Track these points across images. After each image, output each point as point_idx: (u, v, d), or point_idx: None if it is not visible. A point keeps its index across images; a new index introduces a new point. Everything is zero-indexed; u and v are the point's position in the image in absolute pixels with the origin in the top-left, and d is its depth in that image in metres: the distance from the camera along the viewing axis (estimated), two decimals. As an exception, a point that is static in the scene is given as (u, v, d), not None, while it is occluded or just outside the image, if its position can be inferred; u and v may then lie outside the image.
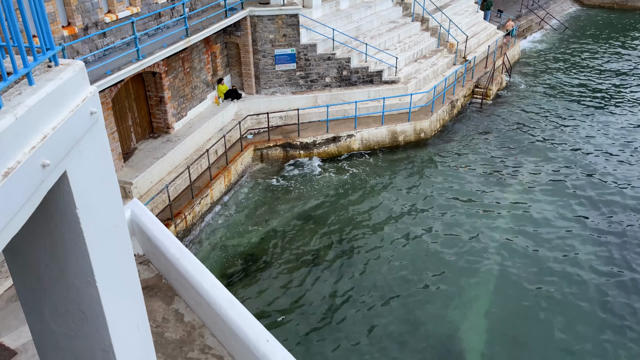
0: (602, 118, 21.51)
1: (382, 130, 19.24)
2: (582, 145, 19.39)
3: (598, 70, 26.74)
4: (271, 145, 18.14)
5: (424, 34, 23.71)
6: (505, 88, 24.41)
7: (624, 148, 19.17)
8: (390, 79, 20.43)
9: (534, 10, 34.40)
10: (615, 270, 13.27)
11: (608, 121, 21.24)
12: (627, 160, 18.38)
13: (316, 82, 19.72)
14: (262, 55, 18.70)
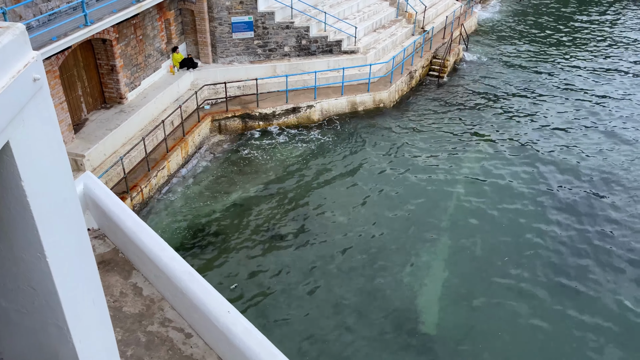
0: (557, 89, 22.18)
1: (342, 101, 19.21)
2: (538, 116, 19.98)
3: (554, 39, 27.40)
4: (229, 116, 17.83)
5: (382, 4, 23.58)
6: (462, 59, 24.72)
7: (578, 118, 19.89)
8: (350, 49, 20.31)
9: (490, -19, 34.66)
10: (568, 238, 13.93)
11: (563, 91, 21.92)
12: (582, 131, 19.10)
13: (275, 51, 19.38)
14: (219, 23, 18.17)
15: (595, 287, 12.35)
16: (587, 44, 27.28)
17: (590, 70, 24.07)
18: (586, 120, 19.81)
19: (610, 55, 25.88)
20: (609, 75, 23.65)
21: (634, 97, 21.58)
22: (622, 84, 22.74)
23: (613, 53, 26.11)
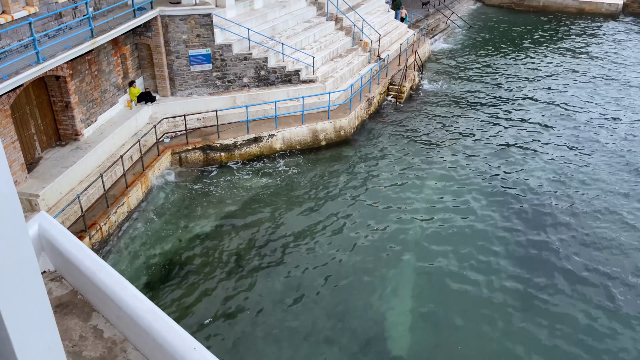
0: (509, 111, 23.03)
1: (303, 129, 19.35)
2: (494, 137, 20.64)
3: (501, 64, 28.60)
4: (190, 149, 17.65)
5: (338, 33, 24.13)
6: (417, 84, 25.44)
7: (529, 141, 20.66)
8: (308, 78, 20.60)
9: (440, 10, 36.15)
10: (532, 257, 14.29)
11: (514, 114, 22.78)
12: (532, 151, 19.82)
13: (234, 82, 19.45)
14: (176, 56, 18.14)
15: (562, 302, 12.65)
16: (536, 68, 28.60)
17: (541, 93, 25.17)
18: (537, 141, 20.60)
19: (559, 75, 27.19)
20: (559, 95, 24.79)
21: (588, 115, 22.65)
22: (575, 102, 23.86)
23: (562, 73, 27.45)
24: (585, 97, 24.55)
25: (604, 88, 25.73)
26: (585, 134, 21.06)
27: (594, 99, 24.36)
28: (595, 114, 22.80)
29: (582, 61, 29.51)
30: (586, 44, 32.61)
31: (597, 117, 22.58)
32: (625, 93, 25.16)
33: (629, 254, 14.26)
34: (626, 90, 25.46)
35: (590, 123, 21.97)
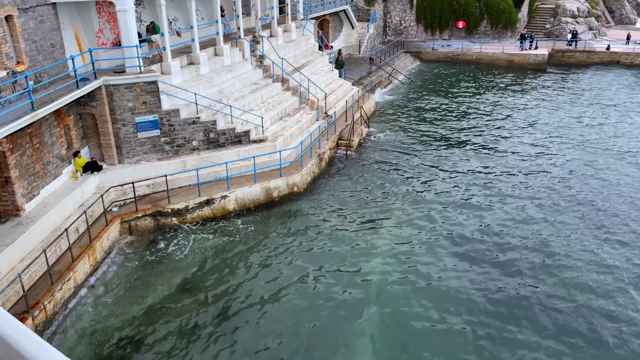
0: (453, 159, 23.91)
1: (255, 189, 19.30)
2: (440, 185, 21.23)
3: (443, 114, 29.93)
4: (140, 216, 17.17)
5: (285, 94, 24.73)
6: (365, 138, 26.15)
7: (470, 185, 21.39)
8: (258, 138, 20.80)
9: (382, 67, 37.88)
10: (486, 288, 14.42)
11: (458, 161, 23.65)
12: (482, 195, 20.49)
13: (183, 146, 19.36)
14: (122, 124, 17.97)
15: (523, 349, 12.71)
16: (474, 115, 30.09)
17: (481, 138, 26.37)
18: (482, 187, 21.36)
19: (497, 122, 28.66)
20: (497, 145, 26.01)
21: (531, 167, 23.77)
22: (516, 154, 25.04)
23: (501, 121, 28.95)
24: (527, 141, 25.88)
25: (546, 130, 27.26)
26: (532, 178, 22.02)
27: (537, 142, 25.71)
28: (539, 157, 23.99)
29: (517, 107, 31.32)
30: (520, 92, 34.75)
31: (539, 159, 23.75)
32: (563, 132, 26.71)
33: (599, 294, 14.64)
34: (563, 130, 27.05)
35: (535, 167, 23.05)
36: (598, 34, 47.91)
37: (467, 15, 47.05)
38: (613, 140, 25.86)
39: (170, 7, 21.34)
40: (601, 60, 42.25)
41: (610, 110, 30.68)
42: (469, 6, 46.73)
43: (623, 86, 36.06)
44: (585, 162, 23.14)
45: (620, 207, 19.25)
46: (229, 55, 23.16)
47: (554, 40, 45.21)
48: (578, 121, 28.72)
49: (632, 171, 22.27)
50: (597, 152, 24.31)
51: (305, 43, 29.76)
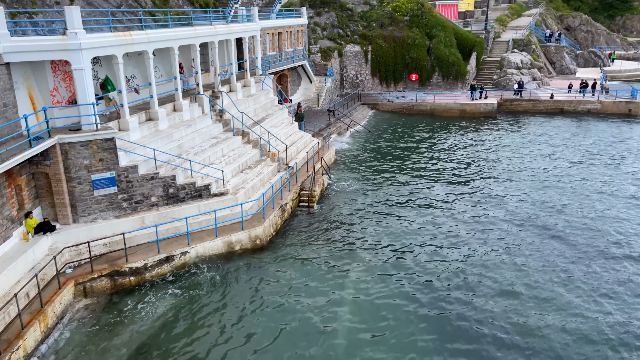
0: (413, 204, 24.31)
1: (217, 243, 18.95)
2: (403, 233, 21.44)
3: (400, 162, 30.63)
4: (96, 277, 16.48)
5: (246, 147, 24.86)
6: (327, 187, 26.36)
7: (434, 235, 21.71)
8: (219, 192, 20.64)
9: (340, 118, 38.80)
10: (454, 338, 14.36)
11: (417, 206, 24.06)
12: (441, 243, 20.77)
13: (141, 202, 18.97)
14: (78, 183, 17.53)
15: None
16: (430, 164, 30.94)
17: (442, 187, 27.03)
18: (444, 233, 21.71)
19: (455, 169, 29.54)
20: (454, 190, 26.71)
21: (493, 209, 24.41)
22: (472, 198, 25.73)
23: (457, 168, 29.85)
24: (483, 184, 26.69)
25: (499, 174, 28.22)
26: (494, 224, 22.56)
27: (492, 185, 26.54)
28: (496, 200, 24.70)
29: (471, 153, 32.47)
30: (473, 139, 36.14)
31: (496, 202, 24.45)
32: (515, 174, 27.72)
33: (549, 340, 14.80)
34: (515, 172, 28.08)
35: (495, 211, 23.68)
36: (542, 83, 50.87)
37: (420, 68, 49.27)
38: (564, 179, 26.99)
39: (128, 65, 21.46)
40: (546, 108, 44.69)
41: (555, 152, 32.17)
42: (420, 60, 49.02)
43: (566, 131, 38.08)
44: (536, 200, 23.96)
45: (575, 239, 19.88)
46: (188, 110, 23.27)
47: (501, 90, 47.67)
48: (527, 163, 29.93)
49: (578, 205, 23.19)
50: (547, 189, 25.27)
51: (265, 97, 30.30)
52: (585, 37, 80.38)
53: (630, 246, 19.86)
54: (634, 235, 20.75)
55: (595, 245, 19.92)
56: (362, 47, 48.44)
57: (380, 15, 50.25)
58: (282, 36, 36.74)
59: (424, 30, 49.80)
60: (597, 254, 19.24)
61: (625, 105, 43.08)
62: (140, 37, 19.62)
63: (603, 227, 21.54)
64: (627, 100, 43.32)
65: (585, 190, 25.88)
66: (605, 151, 32.73)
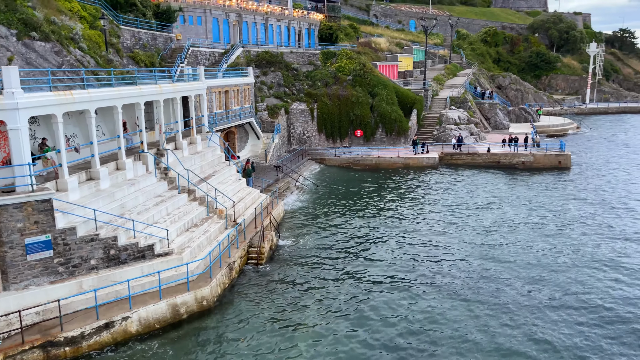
0: (360, 256, 24.43)
1: (161, 306, 18.14)
2: (348, 289, 21.37)
3: (348, 216, 30.96)
4: (27, 349, 15.26)
5: (192, 204, 24.44)
6: (276, 243, 26.12)
7: (380, 285, 21.80)
8: (164, 252, 20.01)
9: (289, 174, 39.10)
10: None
11: (364, 260, 24.19)
12: (393, 301, 20.82)
13: (80, 266, 18.04)
14: (10, 247, 16.52)
15: None
16: (376, 215, 31.47)
17: (390, 240, 27.41)
18: (393, 288, 21.85)
19: (399, 222, 30.12)
20: (406, 246, 27.16)
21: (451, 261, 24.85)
22: (420, 248, 26.20)
23: (403, 220, 30.47)
24: (428, 236, 27.28)
25: (442, 226, 28.99)
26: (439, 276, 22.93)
27: (436, 237, 27.17)
28: (439, 251, 25.23)
29: (416, 205, 33.35)
30: (416, 191, 37.23)
31: (440, 254, 24.97)
32: (457, 226, 28.57)
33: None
34: (456, 224, 28.96)
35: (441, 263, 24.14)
36: (479, 138, 53.67)
37: (364, 125, 50.99)
38: (504, 227, 28.07)
39: (68, 124, 20.98)
40: (484, 161, 46.99)
41: (492, 203, 33.60)
42: (364, 116, 50.83)
43: (503, 182, 40.03)
44: (478, 248, 24.69)
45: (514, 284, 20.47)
46: (132, 169, 22.78)
47: (442, 145, 49.86)
48: (468, 213, 31.02)
49: (517, 253, 24.07)
50: (488, 238, 26.15)
51: (212, 154, 30.22)
52: (515, 94, 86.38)
53: (555, 284, 20.67)
54: (569, 280, 21.66)
55: (533, 292, 20.59)
56: (308, 105, 49.76)
57: (325, 75, 52.15)
58: (229, 94, 37.24)
59: (367, 89, 51.98)
60: (536, 300, 19.86)
61: (556, 158, 45.99)
62: (82, 96, 19.35)
63: (544, 274, 22.38)
64: (556, 153, 46.30)
65: (527, 238, 26.97)
66: (541, 201, 34.49)
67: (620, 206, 33.06)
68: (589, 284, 21.41)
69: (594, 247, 25.58)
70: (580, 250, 25.16)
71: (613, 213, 31.50)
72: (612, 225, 29.14)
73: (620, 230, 28.24)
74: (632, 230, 28.13)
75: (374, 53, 70.60)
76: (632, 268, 22.99)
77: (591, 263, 23.58)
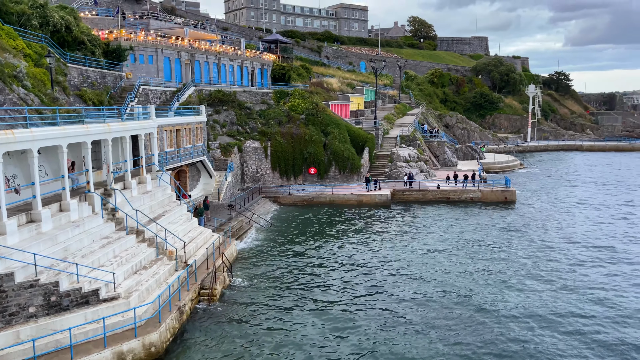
0: (315, 293, 24.17)
1: (105, 355, 17.17)
2: (305, 331, 21.03)
3: (304, 254, 30.75)
4: (-47, 409, 14.00)
5: (141, 246, 23.64)
6: (229, 285, 25.50)
7: (342, 329, 21.61)
8: (110, 296, 19.12)
9: (242, 213, 38.64)
10: None
11: (319, 298, 23.96)
12: (347, 336, 20.63)
13: (17, 314, 16.92)
14: (-62, 296, 15.35)
15: None
16: (332, 252, 31.44)
17: (343, 279, 27.33)
18: (349, 327, 21.70)
19: (355, 257, 30.18)
20: (353, 287, 27.14)
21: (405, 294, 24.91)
22: (370, 285, 26.23)
23: (357, 255, 30.53)
24: (380, 271, 27.42)
25: (394, 262, 29.23)
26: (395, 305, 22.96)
27: (385, 272, 27.33)
28: (389, 283, 25.36)
29: (369, 241, 33.59)
30: (369, 227, 37.59)
31: (390, 286, 25.09)
32: (407, 262, 28.89)
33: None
34: (407, 260, 29.30)
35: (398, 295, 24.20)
36: (428, 175, 55.21)
37: (318, 162, 51.49)
38: (454, 264, 28.62)
39: (8, 164, 20.06)
40: (434, 197, 48.21)
41: (444, 238, 34.36)
42: (318, 154, 51.40)
43: (453, 217, 41.10)
44: (427, 283, 25.01)
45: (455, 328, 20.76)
46: (76, 210, 21.91)
47: (393, 182, 50.89)
48: (419, 250, 31.51)
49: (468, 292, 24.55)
50: (439, 275, 26.56)
51: (162, 193, 29.56)
52: (462, 133, 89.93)
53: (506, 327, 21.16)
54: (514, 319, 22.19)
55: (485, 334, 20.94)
56: (261, 143, 49.89)
57: (278, 113, 52.69)
58: (181, 133, 36.87)
59: (320, 128, 52.80)
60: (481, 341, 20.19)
61: (502, 193, 47.78)
62: (24, 135, 18.65)
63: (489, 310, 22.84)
64: (502, 189, 48.15)
65: (473, 275, 27.56)
66: (489, 236, 35.53)
67: (561, 236, 34.52)
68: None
69: (533, 268, 26.44)
70: (513, 278, 25.95)
71: (555, 243, 32.81)
72: (557, 258, 30.33)
73: (564, 257, 29.43)
74: (578, 258, 29.37)
75: (326, 93, 72.18)
76: (566, 285, 23.86)
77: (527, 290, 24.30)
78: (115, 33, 45.92)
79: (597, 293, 24.54)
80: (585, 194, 52.64)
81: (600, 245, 32.93)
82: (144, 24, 54.06)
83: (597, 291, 24.78)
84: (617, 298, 23.93)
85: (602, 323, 21.22)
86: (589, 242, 33.69)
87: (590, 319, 21.59)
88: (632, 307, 22.84)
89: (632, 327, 20.92)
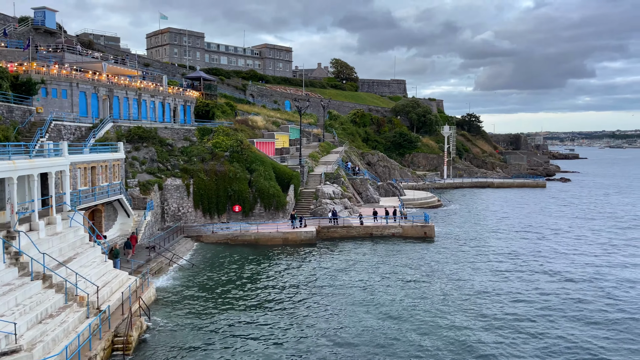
0: (241, 341, 23.40)
1: (1, 416, 15.45)
2: (228, 370, 20.21)
3: (228, 294, 29.83)
4: None
5: (47, 292, 21.87)
6: (147, 330, 24.09)
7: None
8: (10, 349, 17.38)
9: (162, 253, 37.04)
10: None
11: (247, 345, 23.23)
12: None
13: None
14: None
15: None
16: (257, 295, 30.80)
17: (268, 320, 26.76)
18: None
19: (280, 296, 29.72)
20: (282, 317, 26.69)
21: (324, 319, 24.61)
22: (294, 321, 25.86)
23: (284, 294, 30.09)
24: (304, 310, 27.17)
25: (320, 299, 29.10)
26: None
27: (313, 309, 27.13)
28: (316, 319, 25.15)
29: (292, 279, 33.33)
30: (295, 265, 37.38)
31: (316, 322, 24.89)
32: (334, 298, 28.91)
33: None
34: (334, 296, 29.32)
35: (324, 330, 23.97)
36: (352, 211, 56.23)
37: (242, 200, 50.85)
38: (379, 299, 29.03)
39: None
40: (358, 233, 49.03)
41: (370, 275, 34.90)
42: (242, 192, 50.83)
43: (375, 253, 41.95)
44: (356, 325, 25.14)
45: None
46: (-27, 254, 19.99)
47: (319, 219, 51.26)
48: (343, 286, 31.73)
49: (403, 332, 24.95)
50: (369, 315, 26.78)
51: (74, 235, 27.73)
52: (383, 170, 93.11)
53: (439, 357, 21.67)
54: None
55: (411, 361, 21.22)
56: (183, 181, 48.62)
57: (201, 150, 51.82)
58: (97, 170, 35.14)
59: (245, 165, 52.47)
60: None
61: (421, 229, 49.56)
62: None
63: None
64: (422, 225, 49.97)
65: (395, 311, 28.09)
66: (409, 270, 36.53)
67: (481, 266, 36.22)
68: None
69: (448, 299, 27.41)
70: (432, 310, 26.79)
71: (474, 276, 34.35)
72: (477, 288, 31.71)
73: (479, 289, 30.81)
74: (490, 287, 30.84)
75: (251, 130, 72.30)
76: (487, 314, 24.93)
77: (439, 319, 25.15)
78: (26, 66, 43.57)
79: (501, 319, 25.83)
80: (498, 226, 55.91)
81: (508, 277, 34.90)
82: (58, 57, 51.76)
83: (500, 318, 26.09)
84: (515, 322, 25.29)
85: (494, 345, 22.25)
86: (498, 271, 35.61)
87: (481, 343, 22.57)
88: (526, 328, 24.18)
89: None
